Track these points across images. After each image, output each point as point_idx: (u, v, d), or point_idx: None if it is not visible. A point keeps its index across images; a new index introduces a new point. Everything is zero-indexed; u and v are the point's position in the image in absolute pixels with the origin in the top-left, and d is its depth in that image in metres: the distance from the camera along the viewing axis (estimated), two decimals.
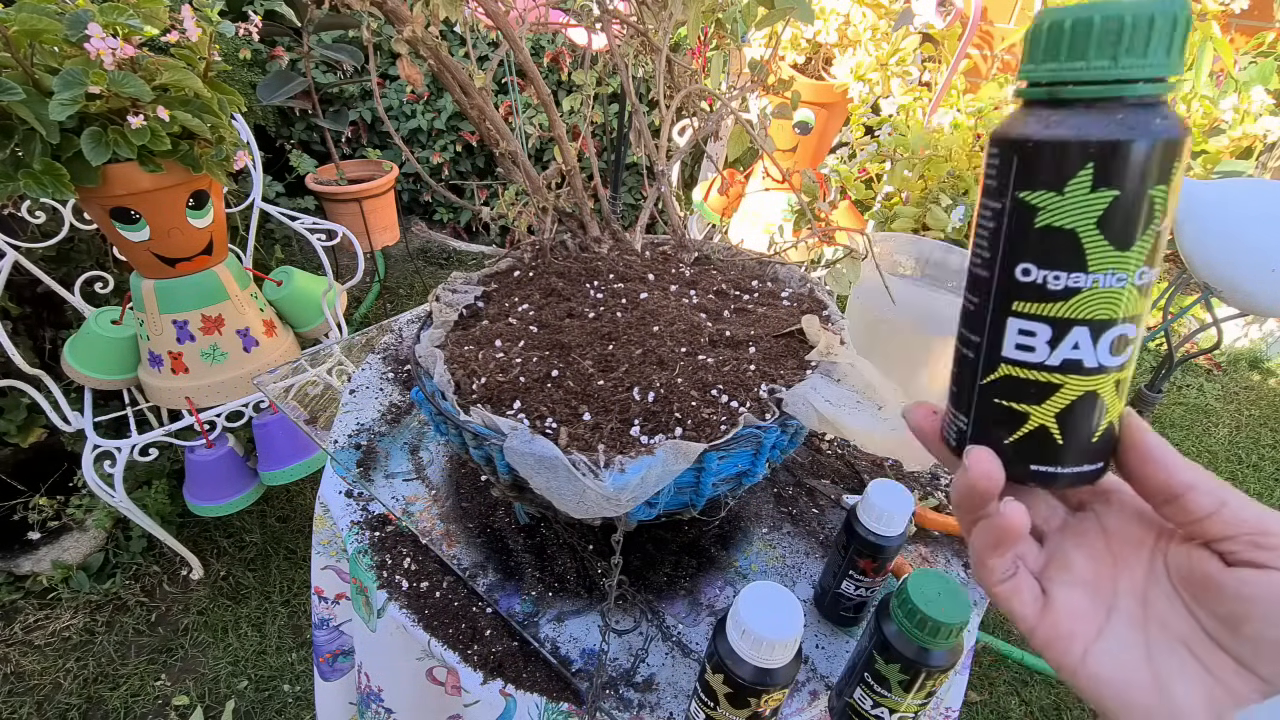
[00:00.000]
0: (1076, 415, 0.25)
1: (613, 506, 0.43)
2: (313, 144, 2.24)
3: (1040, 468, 0.26)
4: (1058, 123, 0.22)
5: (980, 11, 1.55)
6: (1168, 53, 0.21)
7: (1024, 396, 0.25)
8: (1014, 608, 0.27)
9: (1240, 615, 0.23)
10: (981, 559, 0.27)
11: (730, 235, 1.97)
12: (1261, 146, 1.50)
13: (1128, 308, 0.23)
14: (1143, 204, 0.22)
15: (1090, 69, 0.22)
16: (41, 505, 1.30)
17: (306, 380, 0.85)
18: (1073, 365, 0.24)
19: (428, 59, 0.59)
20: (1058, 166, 0.22)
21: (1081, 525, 0.28)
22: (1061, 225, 0.23)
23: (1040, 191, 0.23)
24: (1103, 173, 0.22)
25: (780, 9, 0.69)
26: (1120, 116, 0.22)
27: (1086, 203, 0.22)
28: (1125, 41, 0.21)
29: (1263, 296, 1.15)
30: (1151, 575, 0.26)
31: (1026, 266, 0.24)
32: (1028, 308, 0.24)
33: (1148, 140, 0.21)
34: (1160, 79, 0.22)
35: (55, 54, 0.88)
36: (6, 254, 1.18)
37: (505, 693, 0.52)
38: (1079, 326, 0.23)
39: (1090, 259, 0.23)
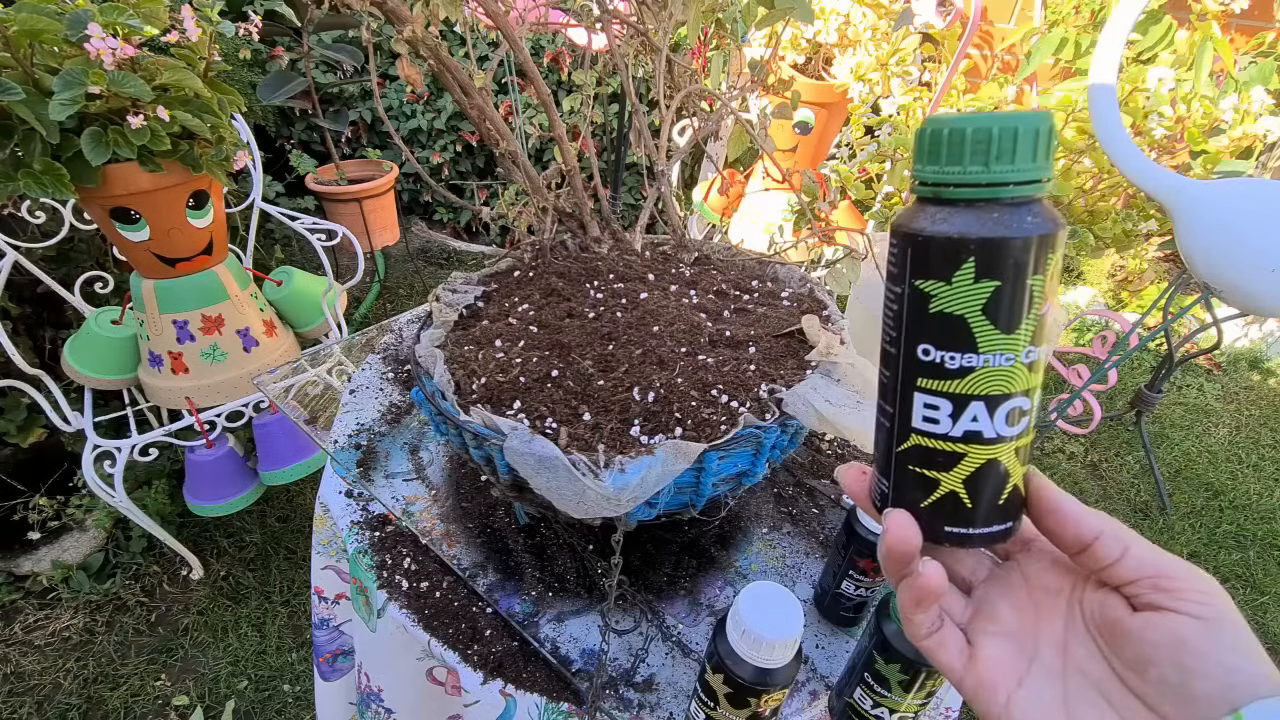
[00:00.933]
0: (982, 481, 0.27)
1: (613, 506, 0.43)
2: (313, 144, 2.24)
3: (954, 529, 0.28)
4: (943, 220, 0.24)
5: (980, 11, 1.55)
6: (1034, 158, 0.23)
7: (933, 464, 0.27)
8: (940, 660, 0.28)
9: (1145, 659, 0.24)
10: (907, 615, 0.28)
11: (730, 235, 1.97)
12: (1261, 146, 1.50)
13: (1019, 383, 0.25)
14: (1023, 292, 0.24)
15: (966, 173, 0.24)
16: (41, 505, 1.30)
17: (306, 380, 0.85)
18: (974, 436, 0.26)
19: (428, 59, 0.59)
20: (945, 259, 0.24)
21: (1006, 576, 0.30)
22: (952, 311, 0.25)
23: (932, 280, 0.25)
24: (984, 266, 0.24)
25: (780, 9, 0.69)
26: (996, 215, 0.24)
27: (972, 292, 0.24)
28: (994, 150, 0.23)
29: (1263, 296, 1.15)
30: (1070, 623, 0.28)
31: (926, 346, 0.26)
32: (930, 384, 0.26)
33: (1022, 237, 0.23)
34: (1031, 180, 0.24)
35: (55, 54, 0.88)
36: (6, 254, 1.18)
37: (505, 693, 0.52)
38: (976, 401, 0.25)
39: (980, 341, 0.25)
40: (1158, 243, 1.88)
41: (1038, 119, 0.23)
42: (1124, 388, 2.08)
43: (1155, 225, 1.37)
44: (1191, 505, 1.70)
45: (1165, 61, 1.47)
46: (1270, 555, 1.58)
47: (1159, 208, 1.25)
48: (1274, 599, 1.48)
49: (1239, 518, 1.67)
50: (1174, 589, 0.24)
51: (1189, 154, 1.40)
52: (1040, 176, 0.24)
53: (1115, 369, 1.48)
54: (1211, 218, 1.14)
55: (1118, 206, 1.42)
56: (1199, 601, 0.24)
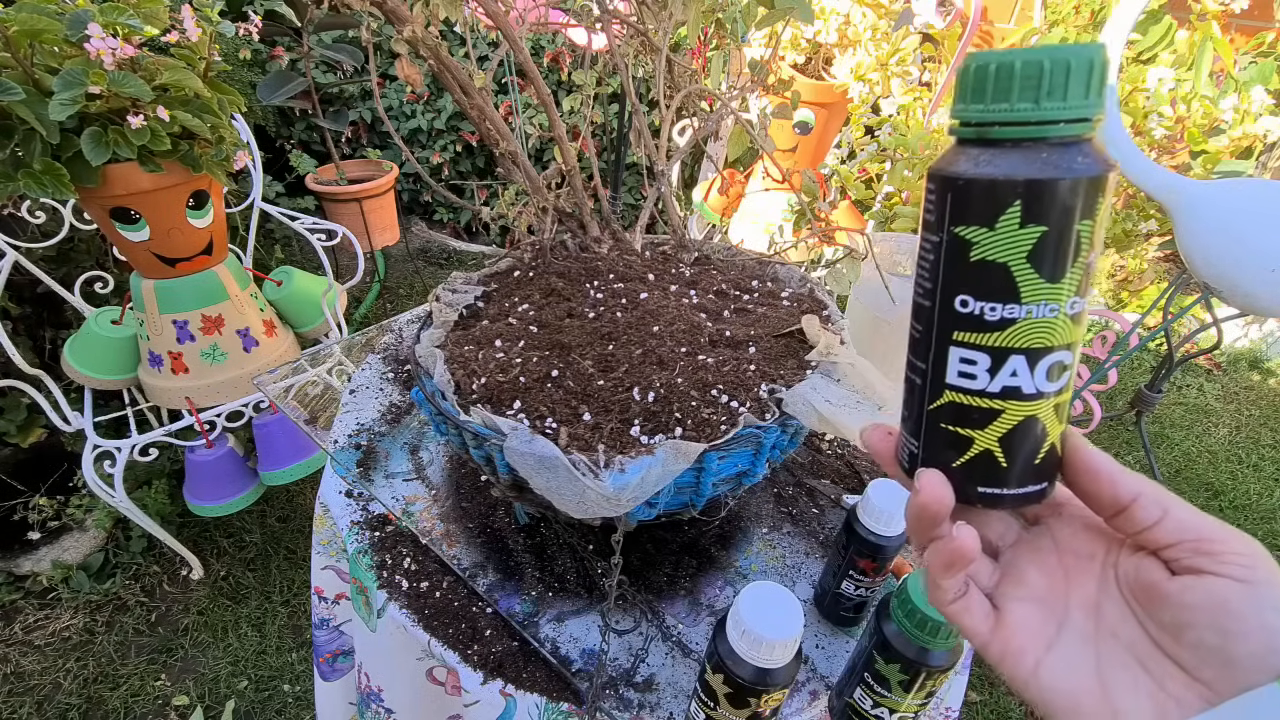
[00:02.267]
0: (1019, 439, 0.26)
1: (613, 506, 0.43)
2: (313, 144, 2.24)
3: (987, 489, 0.27)
4: (986, 161, 0.23)
5: (980, 11, 1.55)
6: (1086, 95, 0.22)
7: (968, 421, 0.26)
8: (965, 624, 0.28)
9: (1183, 622, 0.24)
10: (934, 579, 0.28)
11: (730, 235, 1.97)
12: (1261, 146, 1.50)
13: (1061, 336, 0.24)
14: (1070, 238, 0.23)
15: (1014, 111, 0.23)
16: (41, 505, 1.30)
17: (306, 380, 0.85)
18: (1012, 391, 0.25)
19: (428, 59, 0.59)
20: (988, 203, 0.23)
21: (1036, 540, 0.29)
22: (994, 259, 0.24)
23: (973, 227, 0.24)
24: (1030, 209, 0.23)
25: (780, 9, 0.69)
26: (1045, 155, 0.23)
27: (1016, 238, 0.23)
28: (1045, 85, 0.22)
29: (1263, 296, 1.15)
30: (1103, 587, 0.27)
31: (964, 298, 0.25)
32: (967, 337, 0.25)
33: (1071, 178, 0.22)
34: (1081, 119, 0.23)
35: (55, 54, 0.88)
36: (6, 254, 1.18)
37: (505, 693, 0.52)
38: (1016, 355, 0.24)
39: (1023, 291, 0.24)
40: (1158, 243, 1.88)
41: (1091, 51, 0.22)
42: (1124, 388, 2.08)
43: (1155, 225, 1.37)
44: (1191, 505, 1.70)
45: (1165, 61, 1.47)
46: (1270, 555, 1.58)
47: (1159, 208, 1.25)
48: None
49: (1239, 518, 1.67)
50: (1216, 552, 0.23)
51: (1189, 154, 1.40)
52: (1092, 115, 0.22)
53: (1115, 369, 1.48)
54: (1211, 218, 1.13)
55: (1118, 206, 1.42)
56: (1241, 565, 0.23)
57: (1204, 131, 1.36)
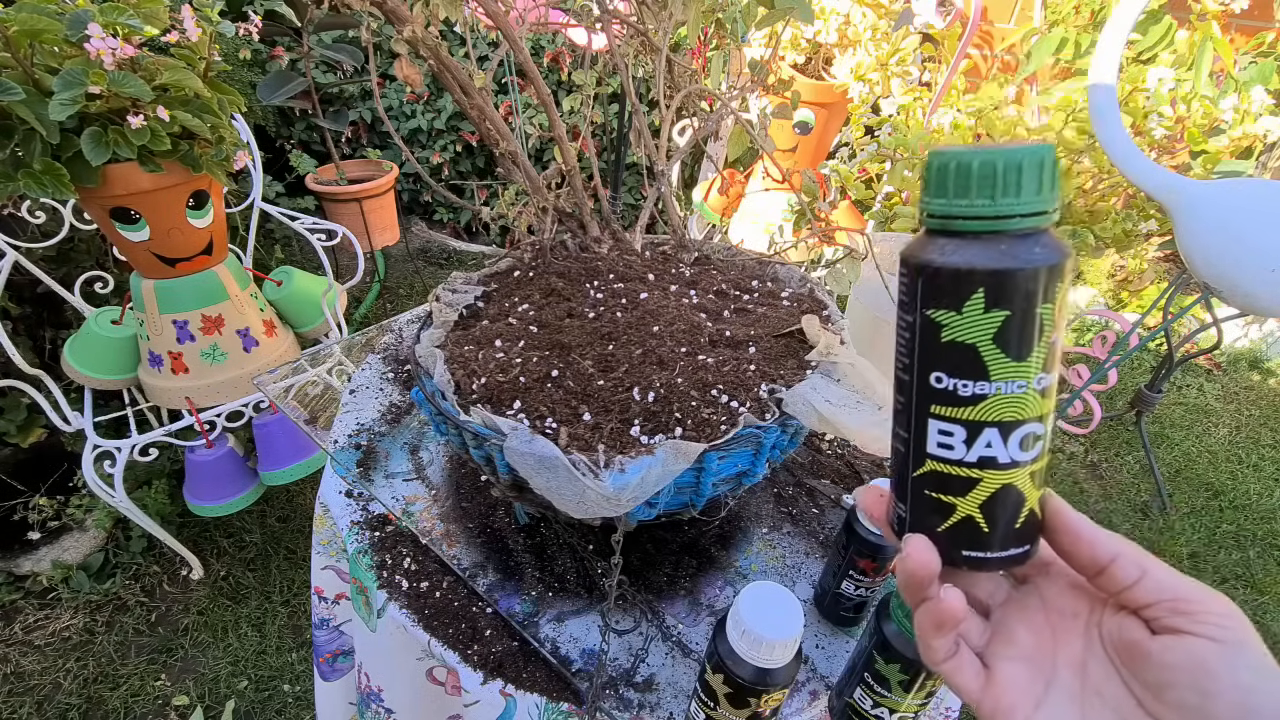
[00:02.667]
0: (998, 505, 0.27)
1: (613, 506, 0.43)
2: (313, 144, 2.24)
3: (971, 553, 0.28)
4: (952, 251, 0.25)
5: (980, 11, 1.55)
6: (1039, 191, 0.24)
7: (950, 489, 0.27)
8: (957, 683, 0.28)
9: (1164, 682, 0.24)
10: (925, 639, 0.28)
11: (730, 235, 1.97)
12: (1261, 146, 1.50)
13: (1032, 410, 0.26)
14: (1033, 320, 0.24)
15: (973, 206, 0.24)
16: (41, 505, 1.30)
17: (306, 380, 0.85)
18: (989, 461, 0.26)
19: (428, 59, 0.59)
20: (955, 290, 0.25)
21: (1024, 599, 0.30)
22: (963, 340, 0.25)
23: (943, 310, 0.25)
24: (993, 295, 0.24)
25: (780, 9, 0.69)
26: (1004, 247, 0.24)
27: (982, 321, 0.24)
28: (1000, 184, 0.23)
29: (1263, 296, 1.15)
30: (1088, 645, 0.27)
31: (939, 374, 0.26)
32: (944, 410, 0.26)
33: (1029, 268, 0.24)
34: (1036, 213, 0.24)
35: (55, 54, 0.88)
36: (6, 254, 1.18)
37: (505, 693, 0.52)
38: (990, 428, 0.26)
39: (991, 370, 0.25)
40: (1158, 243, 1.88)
41: (1041, 152, 0.23)
42: (1124, 388, 2.08)
43: (1155, 225, 1.37)
44: (1191, 505, 1.70)
45: (1165, 61, 1.47)
46: (1270, 555, 1.58)
47: (1159, 208, 1.25)
48: (1274, 599, 1.48)
49: (1239, 518, 1.67)
50: (1192, 612, 0.24)
51: (1189, 154, 1.40)
52: (1046, 208, 0.24)
53: (1115, 369, 1.48)
54: (1211, 218, 1.14)
55: (1118, 206, 1.42)
56: (1218, 625, 0.24)
57: (1204, 131, 1.36)
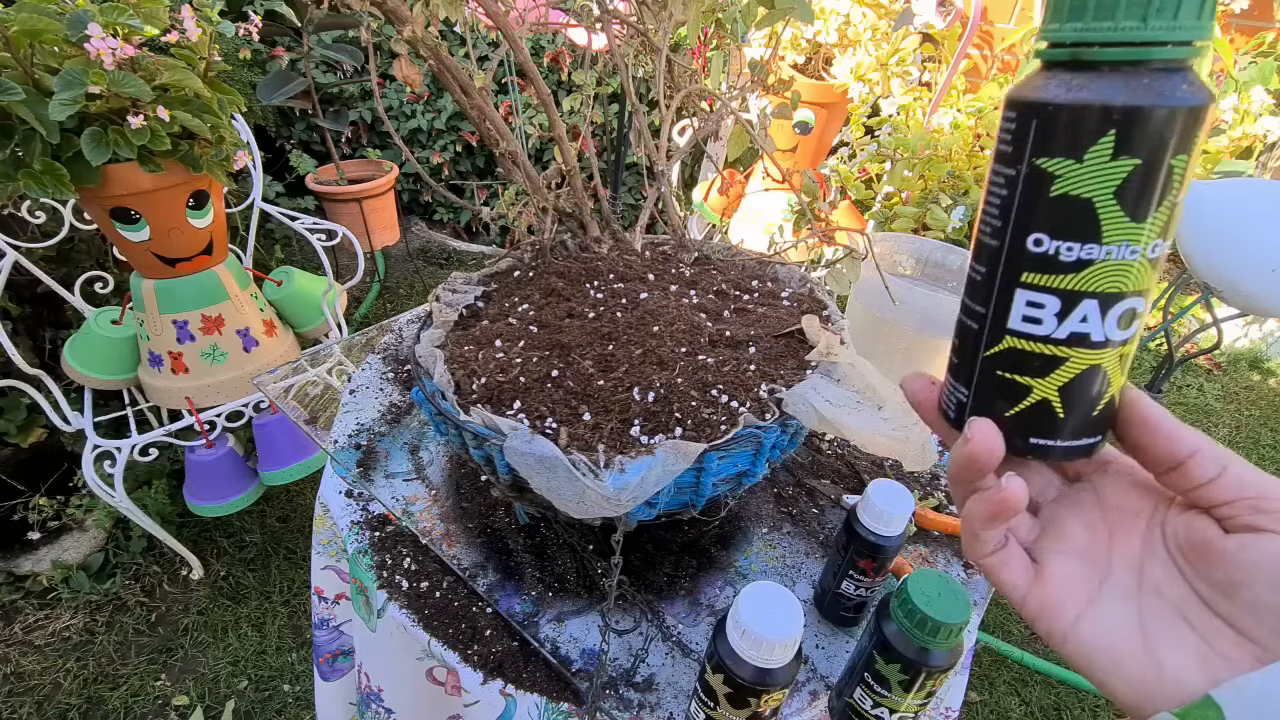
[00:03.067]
0: (1080, 389, 0.24)
1: (613, 506, 0.43)
2: (313, 144, 2.24)
3: (1039, 440, 0.25)
4: (1080, 86, 0.21)
5: (980, 11, 1.55)
6: (1198, 16, 0.20)
7: (1028, 369, 0.24)
8: (1004, 577, 0.27)
9: (1238, 580, 0.23)
10: (974, 530, 0.27)
11: (730, 235, 1.97)
12: (1261, 146, 1.50)
13: (1138, 281, 0.23)
14: (1162, 174, 0.21)
15: (1118, 30, 0.21)
16: (41, 505, 1.30)
17: (306, 380, 0.85)
18: (1080, 339, 0.23)
19: (428, 59, 0.59)
20: (1078, 132, 0.21)
21: (1078, 496, 0.28)
22: (1078, 194, 0.22)
23: (1058, 159, 0.22)
24: (1125, 140, 0.21)
25: (780, 9, 0.69)
26: (1146, 81, 0.21)
27: (1106, 171, 0.21)
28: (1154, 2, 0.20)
29: (1263, 296, 1.15)
30: (1148, 544, 0.26)
31: (1039, 236, 0.23)
32: (1037, 279, 0.23)
33: (1173, 106, 0.21)
34: (1188, 43, 0.21)
35: (55, 54, 0.88)
36: (6, 254, 1.18)
37: (505, 693, 0.52)
38: (1089, 299, 0.23)
39: (1105, 230, 0.22)
40: None
41: None
42: None
43: None
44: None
45: None
46: None
47: None
48: None
49: None
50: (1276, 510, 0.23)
51: None
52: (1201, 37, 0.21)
53: None
54: (1211, 218, 1.14)
55: None
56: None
57: None
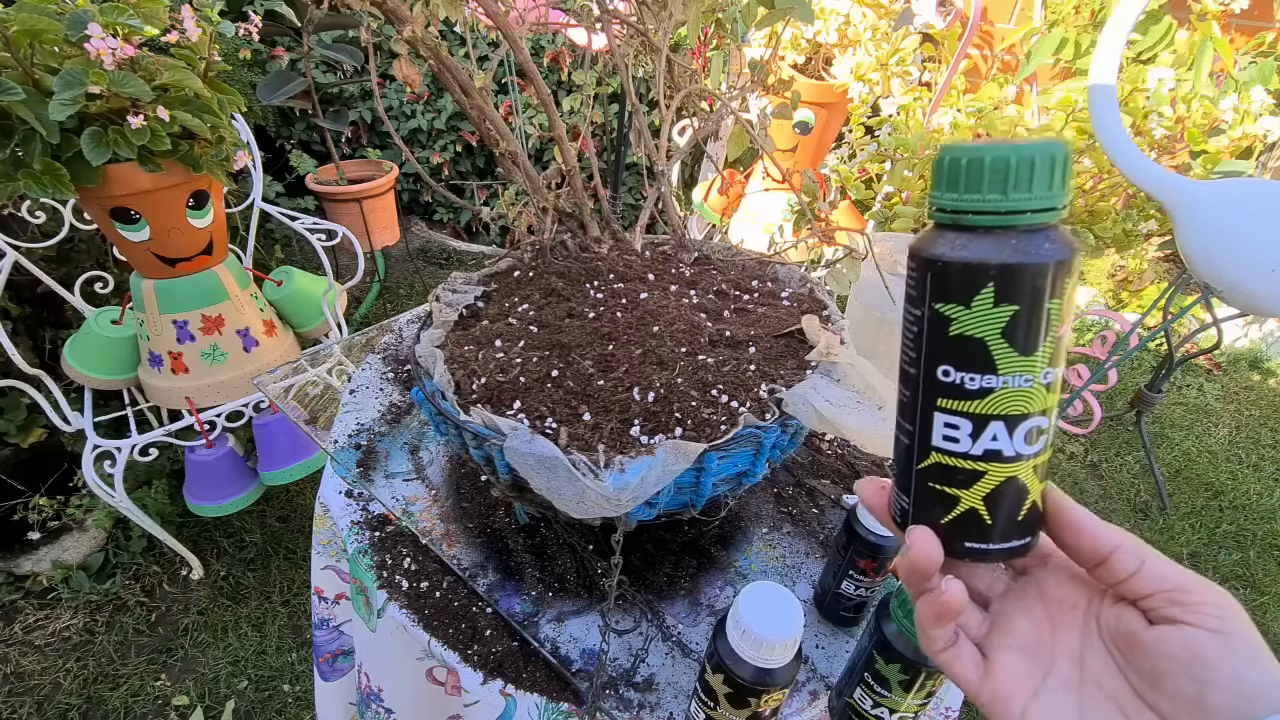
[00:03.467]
0: (1002, 498, 0.27)
1: (613, 506, 0.43)
2: (313, 144, 2.24)
3: (974, 545, 0.28)
4: (962, 246, 0.25)
5: (980, 11, 1.55)
6: (1050, 186, 0.24)
7: (954, 482, 0.27)
8: (956, 672, 0.29)
9: (1160, 671, 0.25)
10: (924, 629, 0.29)
11: (730, 235, 1.97)
12: (1261, 146, 1.50)
13: (1037, 403, 0.26)
14: (1041, 316, 0.25)
15: (984, 201, 0.24)
16: (41, 505, 1.30)
17: (306, 380, 0.85)
18: (993, 455, 0.26)
19: (428, 59, 0.59)
20: (964, 284, 0.25)
21: (1023, 590, 0.30)
22: (972, 334, 0.25)
23: (952, 304, 0.25)
24: (1002, 291, 0.24)
25: (780, 9, 0.69)
26: (1014, 242, 0.24)
27: (991, 316, 0.25)
28: (1012, 179, 0.24)
29: (1263, 296, 1.15)
30: (1086, 636, 0.28)
31: (946, 368, 0.26)
32: (950, 404, 0.26)
33: (1038, 263, 0.24)
34: (1047, 209, 0.24)
35: (55, 54, 0.88)
36: (6, 254, 1.18)
37: (505, 693, 0.52)
38: (995, 421, 0.26)
39: (999, 363, 0.25)
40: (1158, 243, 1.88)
41: (1053, 148, 0.24)
42: (1124, 388, 2.08)
43: (1155, 225, 1.37)
44: (1191, 505, 1.70)
45: (1165, 61, 1.47)
46: (1270, 555, 1.58)
47: (1159, 208, 1.25)
48: (1274, 599, 1.48)
49: (1239, 518, 1.67)
50: (1190, 602, 0.24)
51: (1189, 154, 1.40)
52: (1056, 204, 0.24)
53: (1115, 369, 1.48)
54: (1211, 218, 1.14)
55: (1118, 206, 1.42)
56: (1214, 615, 0.24)
57: (1204, 131, 1.36)
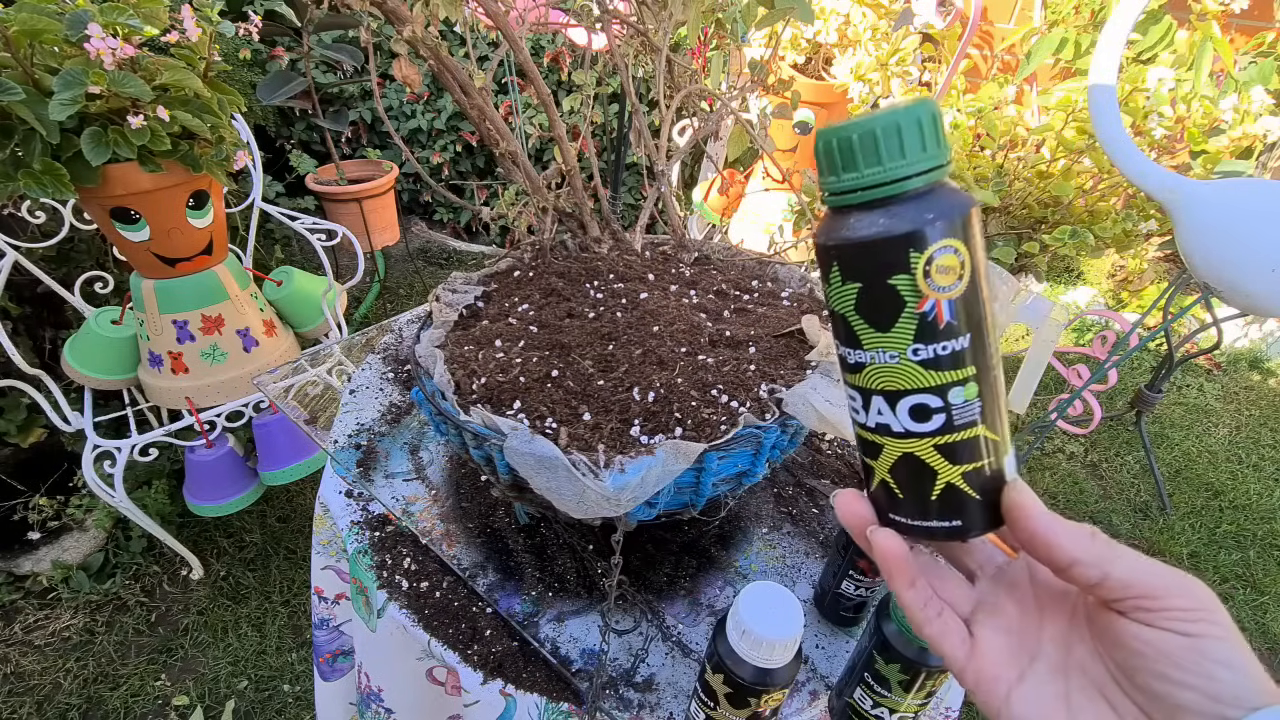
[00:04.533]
0: (904, 473, 0.27)
1: (613, 506, 0.43)
2: (313, 144, 2.24)
3: (896, 517, 0.28)
4: (822, 228, 0.26)
5: (980, 11, 1.55)
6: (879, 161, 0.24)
7: (867, 452, 0.28)
8: (944, 649, 0.29)
9: (1133, 666, 0.25)
10: (896, 593, 0.29)
11: (730, 235, 1.97)
12: (1261, 146, 1.50)
13: (912, 380, 0.25)
14: (886, 292, 0.25)
15: (827, 183, 0.25)
16: (41, 505, 1.30)
17: (306, 380, 0.85)
18: (884, 429, 0.27)
19: (428, 59, 0.59)
20: (823, 263, 0.26)
21: (1014, 574, 0.30)
22: (837, 310, 0.26)
23: (825, 283, 0.27)
24: (844, 268, 0.25)
25: (780, 9, 0.69)
26: (852, 220, 0.25)
27: (843, 293, 0.26)
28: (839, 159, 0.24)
29: (1263, 296, 1.15)
30: (1073, 623, 0.28)
31: (836, 343, 0.28)
32: (847, 377, 0.28)
33: (867, 238, 0.24)
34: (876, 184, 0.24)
35: (55, 54, 0.88)
36: (6, 254, 1.18)
37: (505, 693, 0.52)
38: (876, 395, 0.26)
39: (861, 339, 0.26)
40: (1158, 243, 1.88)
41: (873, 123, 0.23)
42: (1124, 388, 2.08)
43: (1155, 225, 1.37)
44: (1191, 505, 1.70)
45: (1165, 61, 1.47)
46: (1270, 555, 1.58)
47: (1159, 208, 1.25)
48: (1274, 599, 1.48)
49: (1239, 518, 1.67)
50: (1158, 609, 0.24)
51: (1189, 154, 1.40)
52: (885, 179, 0.24)
53: (1115, 369, 1.48)
54: (1211, 218, 1.14)
55: (1118, 206, 1.42)
56: (1183, 619, 0.24)
57: (1204, 131, 1.36)
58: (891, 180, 0.24)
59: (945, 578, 0.30)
